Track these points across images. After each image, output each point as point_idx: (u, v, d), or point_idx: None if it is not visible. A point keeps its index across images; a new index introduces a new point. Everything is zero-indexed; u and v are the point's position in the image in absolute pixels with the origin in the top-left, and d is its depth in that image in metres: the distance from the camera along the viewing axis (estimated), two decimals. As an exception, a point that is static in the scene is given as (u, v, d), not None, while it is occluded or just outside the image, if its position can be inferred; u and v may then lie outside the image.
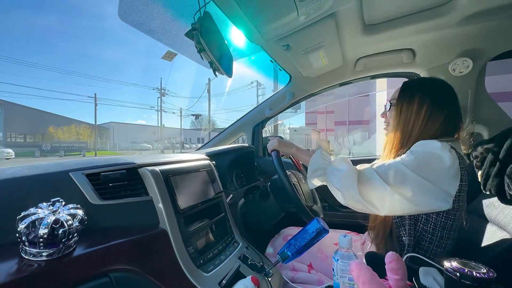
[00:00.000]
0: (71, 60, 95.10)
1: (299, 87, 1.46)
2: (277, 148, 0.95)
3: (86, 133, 28.47)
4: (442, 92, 0.76)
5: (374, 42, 1.04)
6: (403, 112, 0.76)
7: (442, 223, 0.68)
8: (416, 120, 0.74)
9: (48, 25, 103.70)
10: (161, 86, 26.32)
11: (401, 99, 0.78)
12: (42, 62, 77.96)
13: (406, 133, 0.76)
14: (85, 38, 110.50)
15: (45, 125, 27.50)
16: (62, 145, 23.33)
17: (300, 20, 0.78)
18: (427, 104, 0.73)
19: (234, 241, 0.84)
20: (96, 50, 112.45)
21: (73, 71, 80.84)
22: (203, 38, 0.61)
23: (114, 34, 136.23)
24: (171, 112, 29.38)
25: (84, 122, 30.76)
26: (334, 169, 0.71)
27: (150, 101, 62.19)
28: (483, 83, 1.11)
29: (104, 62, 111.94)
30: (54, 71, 68.72)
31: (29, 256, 0.41)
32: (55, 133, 27.07)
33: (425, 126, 0.73)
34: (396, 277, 0.45)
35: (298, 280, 0.83)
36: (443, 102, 0.73)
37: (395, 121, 0.79)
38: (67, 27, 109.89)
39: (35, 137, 28.14)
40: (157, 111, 26.71)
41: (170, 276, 0.57)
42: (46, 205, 0.44)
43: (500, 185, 0.72)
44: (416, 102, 0.74)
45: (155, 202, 0.64)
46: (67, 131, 27.69)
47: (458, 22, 0.87)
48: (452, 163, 0.64)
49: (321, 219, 0.66)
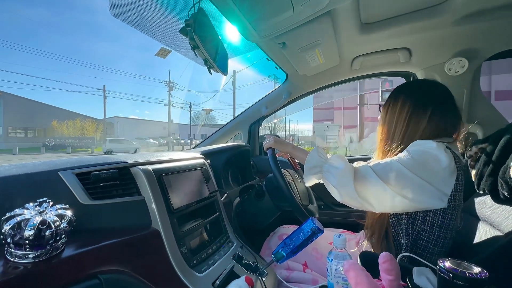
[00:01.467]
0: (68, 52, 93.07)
1: (295, 86, 1.45)
2: (272, 146, 0.94)
3: (92, 128, 26.43)
4: (427, 92, 0.77)
5: (371, 41, 1.03)
6: (388, 112, 0.80)
7: (439, 222, 0.68)
8: (399, 120, 0.76)
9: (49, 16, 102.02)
10: (169, 80, 25.13)
11: (388, 101, 0.82)
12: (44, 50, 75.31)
13: (390, 133, 0.78)
14: (79, 32, 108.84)
15: (47, 119, 25.38)
16: (67, 141, 21.89)
17: (296, 17, 0.77)
18: (409, 103, 0.75)
19: (228, 241, 0.83)
20: (92, 44, 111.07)
21: (76, 59, 77.92)
22: (196, 34, 0.60)
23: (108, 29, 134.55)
24: (179, 107, 27.71)
25: (89, 117, 28.66)
26: (331, 166, 0.71)
27: (152, 94, 61.16)
28: (478, 83, 1.11)
29: (105, 53, 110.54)
30: (54, 58, 65.32)
31: (15, 258, 0.40)
32: (59, 128, 25.28)
33: (408, 126, 0.74)
34: (389, 278, 0.44)
35: (293, 279, 0.83)
36: (426, 102, 0.74)
37: (381, 121, 0.83)
38: (62, 19, 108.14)
39: (36, 131, 26.02)
40: (165, 105, 25.48)
41: (163, 277, 0.57)
42: (33, 206, 0.43)
43: (493, 185, 0.72)
44: (400, 102, 0.77)
45: (147, 201, 0.62)
46: (72, 125, 25.79)
47: (454, 22, 0.86)
48: (448, 163, 0.64)
49: (316, 219, 0.66)
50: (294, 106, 1.59)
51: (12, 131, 24.42)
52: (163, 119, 39.35)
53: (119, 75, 71.96)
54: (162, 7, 0.74)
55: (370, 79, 1.43)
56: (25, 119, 25.11)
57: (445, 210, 0.68)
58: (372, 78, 1.43)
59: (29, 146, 21.66)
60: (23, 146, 20.83)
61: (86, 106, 61.73)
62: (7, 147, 20.92)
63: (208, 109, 24.77)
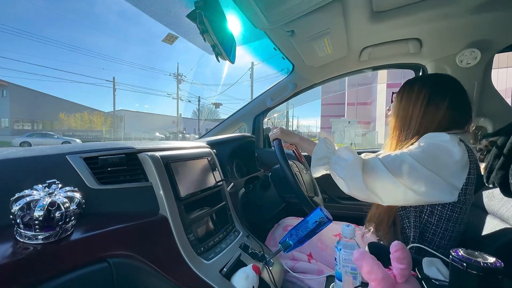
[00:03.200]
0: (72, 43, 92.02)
1: (301, 77, 1.43)
2: (279, 137, 0.93)
3: (100, 121, 25.91)
4: (443, 83, 0.75)
5: (381, 31, 1.01)
6: (403, 99, 0.77)
7: (447, 215, 0.68)
8: (415, 108, 0.74)
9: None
10: (177, 72, 24.11)
11: (402, 89, 0.80)
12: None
13: (406, 122, 0.76)
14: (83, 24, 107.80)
15: (54, 112, 25.04)
16: (75, 134, 21.39)
17: (307, 3, 0.74)
18: (425, 91, 0.73)
19: (234, 230, 0.83)
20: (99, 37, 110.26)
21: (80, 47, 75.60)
22: (206, 18, 0.59)
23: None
24: (186, 100, 26.83)
25: (96, 110, 28.23)
26: (338, 158, 0.70)
27: (156, 87, 60.39)
28: (490, 75, 1.09)
29: (110, 46, 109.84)
30: (58, 46, 63.52)
31: (25, 239, 0.39)
32: (66, 121, 24.86)
33: (424, 115, 0.72)
34: (401, 266, 0.44)
35: (298, 269, 0.83)
36: (444, 92, 0.72)
37: (395, 109, 0.80)
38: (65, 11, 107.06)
39: (44, 124, 25.80)
40: (174, 98, 24.53)
41: (171, 263, 0.56)
42: (42, 187, 0.42)
43: (503, 178, 0.71)
44: (416, 89, 0.75)
45: (155, 188, 0.62)
46: (80, 118, 25.22)
47: (468, 11, 0.84)
48: (461, 157, 0.63)
49: (324, 208, 0.65)
50: (300, 98, 1.56)
51: (18, 122, 24.17)
52: (165, 112, 38.94)
53: (126, 66, 71.16)
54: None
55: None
56: (32, 111, 24.86)
57: (454, 203, 0.67)
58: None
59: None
60: (29, 140, 20.70)
61: (92, 98, 61.53)
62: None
63: (218, 103, 24.35)
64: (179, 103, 23.79)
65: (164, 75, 63.64)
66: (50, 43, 67.12)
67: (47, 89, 55.87)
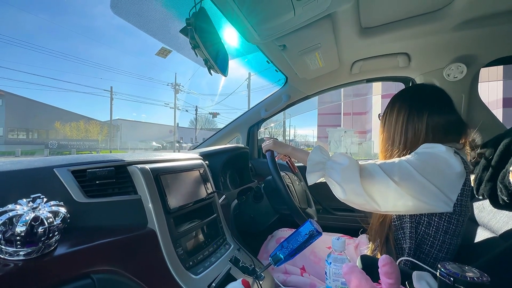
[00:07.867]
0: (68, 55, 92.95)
1: (295, 89, 1.46)
2: (271, 148, 0.93)
3: (96, 131, 25.82)
4: (423, 96, 0.77)
5: (370, 46, 1.04)
6: (386, 122, 0.81)
7: (444, 227, 0.67)
8: (396, 129, 0.77)
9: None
10: (175, 82, 24.29)
11: (385, 110, 0.83)
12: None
13: (390, 142, 0.78)
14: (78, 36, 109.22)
15: (50, 121, 24.72)
16: (70, 143, 21.29)
17: (297, 20, 0.77)
18: (404, 110, 0.76)
19: (225, 243, 0.82)
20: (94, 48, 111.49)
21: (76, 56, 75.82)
22: (197, 34, 0.60)
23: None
24: (184, 110, 27.02)
25: (92, 119, 28.15)
26: (334, 162, 0.69)
27: (153, 96, 60.88)
28: (477, 88, 1.12)
29: (107, 56, 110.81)
30: (56, 55, 63.37)
31: (5, 255, 0.38)
32: (62, 130, 24.63)
33: (406, 133, 0.75)
34: (389, 281, 0.44)
35: (290, 283, 0.81)
36: (422, 106, 0.74)
37: (380, 131, 0.84)
38: (62, 21, 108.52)
39: (39, 133, 25.31)
40: (171, 108, 24.62)
41: (157, 278, 0.55)
42: (26, 202, 0.42)
43: (492, 190, 0.72)
44: (396, 110, 0.78)
45: (144, 201, 0.61)
46: (75, 127, 24.98)
47: (453, 28, 0.87)
48: (458, 168, 0.63)
49: (314, 221, 0.65)
50: (297, 108, 1.58)
51: (12, 132, 23.88)
52: (162, 122, 38.87)
53: (124, 75, 71.64)
54: (163, 7, 0.75)
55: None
56: (27, 120, 24.64)
57: (450, 215, 0.66)
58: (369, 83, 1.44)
59: (31, 148, 21.22)
60: (25, 148, 20.45)
61: (88, 107, 61.43)
62: (8, 149, 20.53)
63: (215, 113, 24.63)
64: (176, 112, 23.92)
65: (162, 84, 64.30)
66: (47, 53, 67.74)
67: (44, 98, 55.68)
